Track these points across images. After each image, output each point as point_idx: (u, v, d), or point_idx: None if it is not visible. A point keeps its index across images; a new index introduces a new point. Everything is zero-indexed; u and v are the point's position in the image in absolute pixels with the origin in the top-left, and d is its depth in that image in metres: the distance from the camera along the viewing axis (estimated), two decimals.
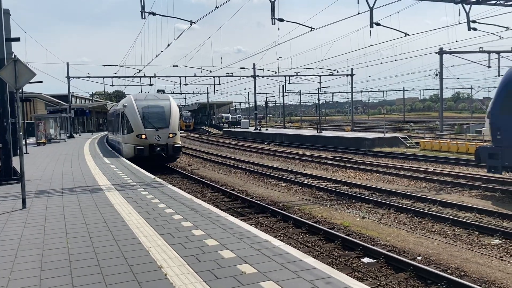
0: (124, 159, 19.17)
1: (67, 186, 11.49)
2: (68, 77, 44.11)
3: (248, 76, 52.42)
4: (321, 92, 56.74)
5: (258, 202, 12.49)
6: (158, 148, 19.75)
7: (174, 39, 21.09)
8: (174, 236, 6.22)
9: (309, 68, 47.67)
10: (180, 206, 8.42)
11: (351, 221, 10.34)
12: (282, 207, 12.13)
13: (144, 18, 17.06)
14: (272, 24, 16.41)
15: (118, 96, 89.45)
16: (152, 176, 13.28)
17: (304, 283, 4.33)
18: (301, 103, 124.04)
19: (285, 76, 53.51)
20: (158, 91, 27.38)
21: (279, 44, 22.89)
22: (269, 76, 52.84)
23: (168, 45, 22.78)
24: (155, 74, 45.13)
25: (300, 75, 52.17)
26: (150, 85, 44.54)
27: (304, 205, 12.38)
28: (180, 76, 46.99)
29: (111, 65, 44.99)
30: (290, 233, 9.45)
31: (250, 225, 8.61)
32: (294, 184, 15.90)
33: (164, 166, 21.38)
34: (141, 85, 45.64)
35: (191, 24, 18.15)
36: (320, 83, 53.84)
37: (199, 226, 6.78)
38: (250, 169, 20.32)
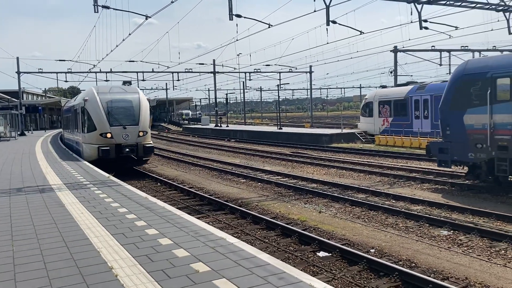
0: (85, 161, 17.04)
1: (16, 186, 10.96)
2: (18, 72, 42.14)
3: (208, 72, 52.05)
4: (281, 88, 57.24)
5: (216, 199, 12.42)
6: (127, 149, 17.02)
7: (130, 34, 20.57)
8: (127, 236, 6.06)
9: (269, 65, 48.01)
10: (134, 205, 8.23)
11: (308, 216, 10.48)
12: (241, 203, 12.13)
13: (97, 12, 16.51)
14: (230, 20, 16.32)
15: (73, 92, 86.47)
16: (107, 175, 12.91)
17: (257, 279, 4.33)
18: (262, 100, 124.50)
19: (245, 73, 53.51)
20: (124, 82, 22.52)
21: (238, 40, 22.84)
22: (229, 72, 52.66)
23: (124, 40, 22.18)
24: (111, 69, 43.87)
25: (260, 72, 52.35)
26: (106, 80, 43.25)
27: (262, 201, 12.43)
28: (137, 72, 45.84)
29: (65, 60, 43.46)
30: (248, 229, 9.46)
31: (207, 223, 8.55)
32: (254, 180, 15.93)
33: (130, 167, 18.76)
34: (96, 80, 44.28)
35: (146, 19, 17.75)
36: (280, 79, 54.32)
37: (153, 225, 6.65)
38: (210, 166, 20.19)
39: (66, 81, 45.30)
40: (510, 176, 12.27)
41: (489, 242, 8.03)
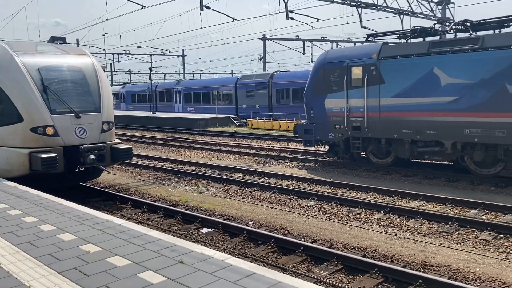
0: None
1: None
2: None
3: None
4: (153, 72, 55.79)
5: (92, 186, 11.97)
6: (91, 156, 9.67)
7: None
8: (2, 225, 5.69)
9: (140, 47, 46.39)
10: (2, 194, 7.61)
11: (189, 197, 10.82)
12: (119, 189, 11.91)
13: None
14: None
15: None
16: None
17: (150, 253, 4.55)
18: (132, 83, 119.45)
19: (113, 54, 50.92)
20: (55, 38, 12.07)
21: (107, 20, 21.73)
22: (95, 53, 49.51)
23: None
24: None
25: (130, 54, 50.33)
26: None
27: (141, 186, 12.37)
28: None
29: None
30: (129, 213, 9.42)
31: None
32: (130, 166, 15.62)
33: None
34: None
35: None
36: (151, 62, 52.89)
37: (30, 213, 6.31)
38: None
39: None
40: (362, 153, 14.21)
41: (347, 209, 9.34)
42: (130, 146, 10.71)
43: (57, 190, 9.59)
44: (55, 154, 9.23)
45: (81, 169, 10.30)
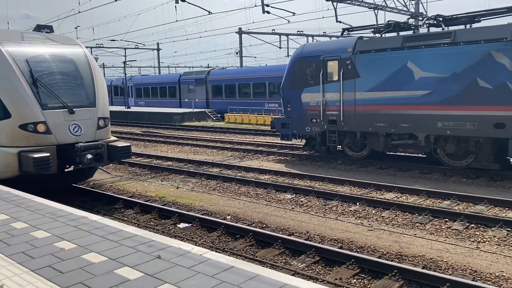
0: None
1: None
2: None
3: None
4: (127, 66, 54.85)
5: None
6: (88, 156, 8.94)
7: None
8: None
9: (114, 40, 45.48)
10: None
11: (166, 192, 10.72)
12: (93, 185, 11.70)
13: None
14: None
15: None
16: None
17: (127, 249, 4.49)
18: (106, 77, 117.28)
19: (86, 48, 49.74)
20: (41, 27, 10.92)
21: (80, 12, 21.19)
22: None
23: None
24: None
25: (103, 47, 49.25)
26: None
27: (116, 182, 12.20)
28: None
29: None
30: (105, 209, 9.28)
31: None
32: None
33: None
34: None
35: None
36: (125, 56, 51.92)
37: (1, 210, 6.12)
38: None
39: None
40: (338, 146, 14.38)
41: (324, 201, 9.45)
42: (129, 144, 9.86)
43: (27, 186, 9.34)
44: (48, 154, 8.35)
45: (71, 169, 9.63)
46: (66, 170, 9.65)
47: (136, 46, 50.50)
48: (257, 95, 30.75)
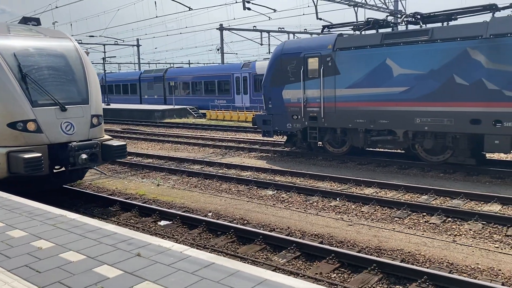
0: None
1: None
2: None
3: None
4: (107, 62, 54.09)
5: None
6: (83, 156, 8.43)
7: None
8: None
9: (93, 36, 44.77)
10: None
11: (146, 190, 10.64)
12: (72, 184, 11.51)
13: None
14: None
15: None
16: None
17: (106, 247, 4.45)
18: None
19: None
20: (27, 19, 10.40)
21: (57, 7, 20.79)
22: None
23: None
24: None
25: (82, 43, 48.42)
26: None
27: (96, 180, 12.04)
28: None
29: None
30: (84, 208, 9.15)
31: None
32: None
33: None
34: None
35: None
36: (105, 52, 51.20)
37: None
38: None
39: None
40: (319, 142, 14.49)
41: (304, 197, 9.51)
42: (124, 143, 9.22)
43: (13, 187, 9.06)
44: (39, 154, 7.83)
45: (61, 169, 9.08)
46: (55, 170, 9.23)
47: (116, 42, 49.84)
48: (208, 92, 33.33)
